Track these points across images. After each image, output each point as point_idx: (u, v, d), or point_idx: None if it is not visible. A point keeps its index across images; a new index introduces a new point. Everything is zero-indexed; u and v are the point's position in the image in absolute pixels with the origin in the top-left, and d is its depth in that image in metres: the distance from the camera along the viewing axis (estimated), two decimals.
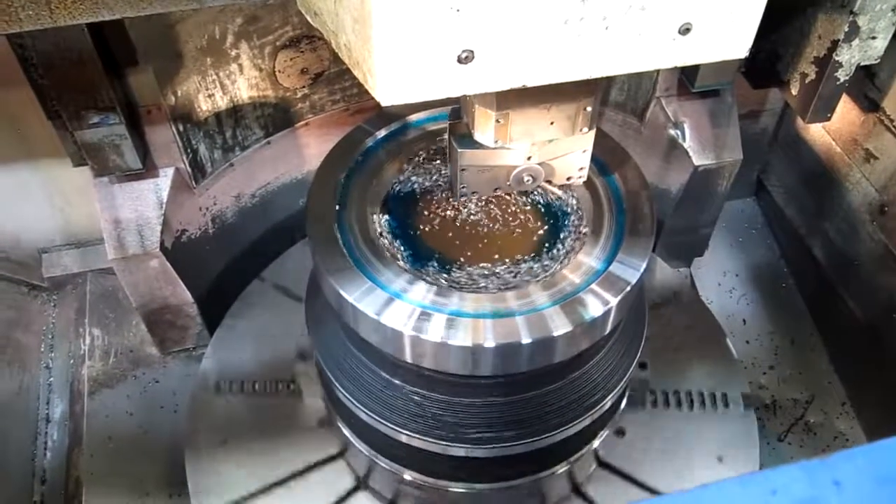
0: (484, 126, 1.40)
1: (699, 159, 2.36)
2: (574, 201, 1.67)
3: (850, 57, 1.70)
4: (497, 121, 1.37)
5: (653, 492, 2.07)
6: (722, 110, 2.36)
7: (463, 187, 1.56)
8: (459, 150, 1.48)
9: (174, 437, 2.32)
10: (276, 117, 2.38)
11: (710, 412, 2.21)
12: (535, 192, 1.69)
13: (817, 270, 2.73)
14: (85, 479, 2.31)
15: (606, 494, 2.05)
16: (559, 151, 1.52)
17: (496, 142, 1.42)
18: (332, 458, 2.10)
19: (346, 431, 1.93)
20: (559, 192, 1.67)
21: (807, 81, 1.81)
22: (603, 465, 2.09)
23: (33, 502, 2.37)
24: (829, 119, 1.86)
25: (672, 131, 2.37)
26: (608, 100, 2.51)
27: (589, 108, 1.41)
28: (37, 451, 2.46)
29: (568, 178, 1.60)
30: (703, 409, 2.21)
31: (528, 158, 1.52)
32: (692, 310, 2.47)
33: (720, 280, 2.93)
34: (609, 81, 2.45)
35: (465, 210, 1.66)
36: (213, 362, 2.32)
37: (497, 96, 1.33)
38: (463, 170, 1.52)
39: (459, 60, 1.03)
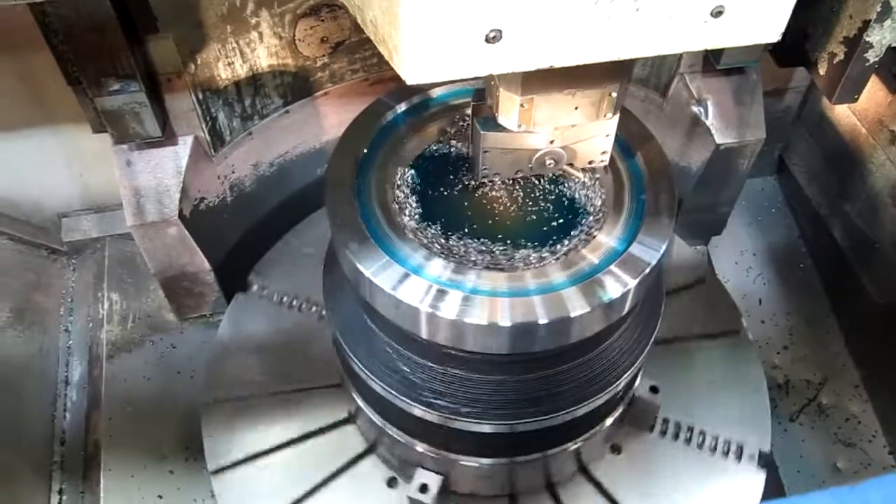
0: (508, 110, 1.39)
1: (721, 137, 2.33)
2: (595, 181, 1.66)
3: (881, 38, 1.66)
4: (521, 105, 1.36)
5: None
6: (746, 88, 2.32)
7: (485, 169, 1.55)
8: (482, 133, 1.47)
9: (191, 402, 2.36)
10: (296, 86, 2.37)
11: (723, 392, 2.22)
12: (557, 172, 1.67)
13: (836, 252, 2.71)
14: (103, 442, 2.36)
15: (612, 475, 2.07)
16: (582, 135, 1.50)
17: (520, 126, 1.41)
18: (344, 422, 2.14)
19: (358, 400, 1.95)
20: (580, 173, 1.66)
21: (835, 62, 1.77)
22: (611, 446, 2.11)
23: (53, 462, 2.42)
24: (856, 101, 1.83)
25: (695, 108, 2.34)
26: (631, 75, 2.47)
27: (614, 95, 1.39)
28: (56, 412, 2.50)
29: (590, 162, 1.58)
30: (714, 388, 2.22)
31: (551, 142, 1.50)
32: (708, 288, 2.46)
33: (737, 259, 2.91)
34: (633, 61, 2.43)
35: (486, 186, 1.65)
36: (229, 329, 2.35)
37: (522, 81, 1.31)
38: (485, 152, 1.51)
39: (487, 40, 1.02)
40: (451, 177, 1.68)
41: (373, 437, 2.08)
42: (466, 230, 1.59)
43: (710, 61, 2.26)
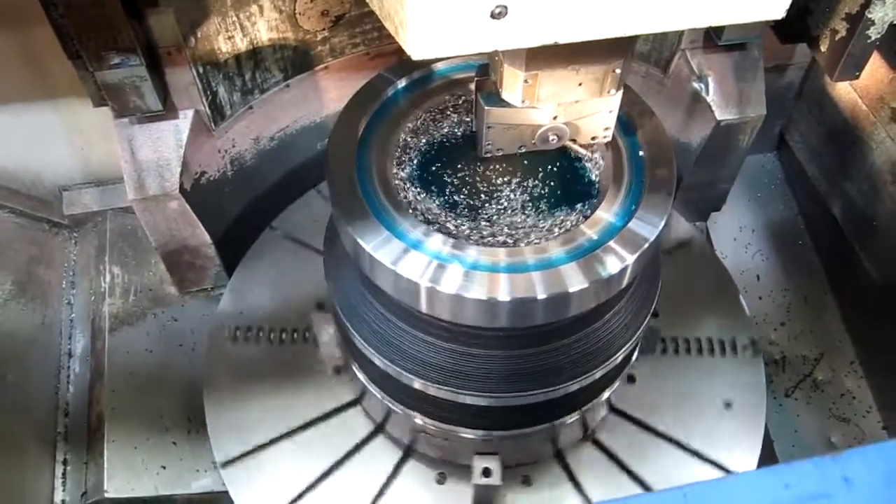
0: (512, 85, 1.39)
1: (722, 114, 2.33)
2: (595, 156, 1.67)
3: (883, 15, 1.66)
4: (525, 81, 1.36)
5: (662, 435, 2.12)
6: (747, 64, 2.32)
7: (488, 144, 1.55)
8: (486, 108, 1.47)
9: (192, 375, 2.38)
10: (296, 60, 2.36)
11: (719, 361, 2.25)
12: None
13: (835, 229, 2.72)
14: (107, 413, 2.38)
15: (617, 440, 2.11)
16: (585, 111, 1.51)
17: (523, 102, 1.41)
18: (349, 405, 2.16)
19: (361, 377, 1.97)
20: (581, 149, 1.66)
21: (837, 38, 1.77)
22: (614, 411, 2.15)
23: (57, 433, 2.45)
24: (857, 78, 1.83)
25: (696, 84, 2.33)
26: (634, 51, 2.47)
27: (618, 71, 1.39)
28: (60, 384, 2.53)
29: (593, 138, 1.59)
30: (712, 358, 2.25)
31: (555, 118, 1.51)
32: (706, 264, 2.47)
33: (736, 235, 2.92)
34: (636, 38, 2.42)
35: (488, 161, 1.65)
36: (230, 303, 2.36)
37: (526, 57, 1.31)
38: (489, 127, 1.51)
39: (492, 16, 1.02)
40: (453, 152, 1.68)
41: (380, 417, 2.11)
42: (467, 205, 1.60)
43: (712, 37, 2.25)
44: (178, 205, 2.20)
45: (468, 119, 1.71)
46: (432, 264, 1.46)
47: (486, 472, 1.90)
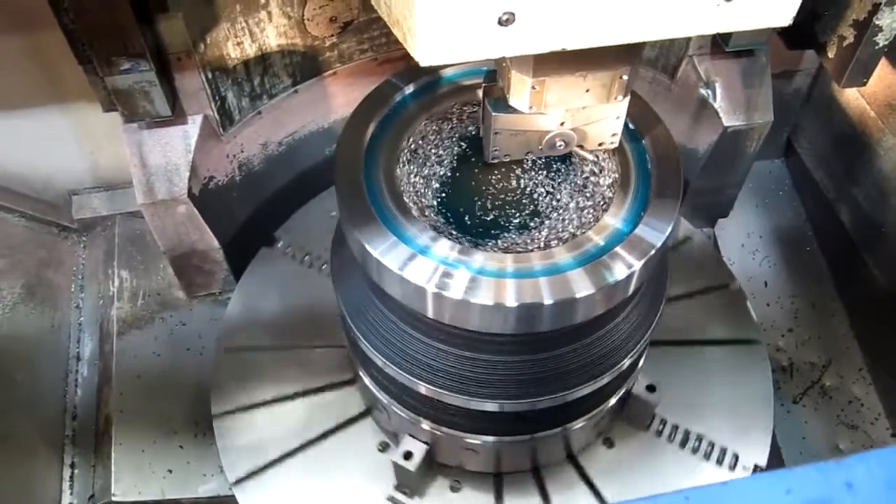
0: (519, 92, 1.39)
1: (729, 120, 2.33)
2: (601, 162, 1.67)
3: (891, 21, 1.66)
4: (533, 87, 1.36)
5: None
6: (755, 70, 2.32)
7: (495, 150, 1.56)
8: (494, 114, 1.47)
9: (200, 379, 2.39)
10: (304, 66, 2.37)
11: (726, 371, 2.23)
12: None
13: (843, 235, 2.71)
14: (115, 417, 2.39)
15: (599, 466, 2.09)
16: (593, 117, 1.51)
17: (531, 108, 1.41)
18: (347, 383, 2.18)
19: (366, 380, 1.97)
20: (589, 154, 1.66)
21: (844, 45, 1.77)
22: (604, 439, 2.13)
23: (65, 436, 2.46)
24: (865, 84, 1.83)
25: (703, 90, 2.34)
26: (641, 57, 2.47)
27: (625, 77, 1.40)
28: (68, 387, 2.54)
29: (600, 144, 1.59)
30: (719, 369, 2.24)
31: (562, 124, 1.51)
32: (713, 270, 2.47)
33: (743, 241, 2.92)
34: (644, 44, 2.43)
35: (495, 167, 1.66)
36: (238, 307, 2.37)
37: (534, 63, 1.32)
38: (496, 133, 1.52)
39: (500, 22, 1.03)
40: (460, 157, 1.68)
41: (371, 404, 2.11)
42: (474, 210, 1.60)
43: (719, 43, 2.26)
44: (186, 209, 2.21)
45: (476, 124, 1.72)
46: (439, 270, 1.46)
47: (407, 456, 1.90)
